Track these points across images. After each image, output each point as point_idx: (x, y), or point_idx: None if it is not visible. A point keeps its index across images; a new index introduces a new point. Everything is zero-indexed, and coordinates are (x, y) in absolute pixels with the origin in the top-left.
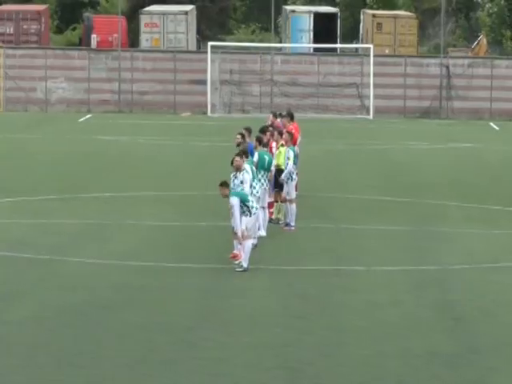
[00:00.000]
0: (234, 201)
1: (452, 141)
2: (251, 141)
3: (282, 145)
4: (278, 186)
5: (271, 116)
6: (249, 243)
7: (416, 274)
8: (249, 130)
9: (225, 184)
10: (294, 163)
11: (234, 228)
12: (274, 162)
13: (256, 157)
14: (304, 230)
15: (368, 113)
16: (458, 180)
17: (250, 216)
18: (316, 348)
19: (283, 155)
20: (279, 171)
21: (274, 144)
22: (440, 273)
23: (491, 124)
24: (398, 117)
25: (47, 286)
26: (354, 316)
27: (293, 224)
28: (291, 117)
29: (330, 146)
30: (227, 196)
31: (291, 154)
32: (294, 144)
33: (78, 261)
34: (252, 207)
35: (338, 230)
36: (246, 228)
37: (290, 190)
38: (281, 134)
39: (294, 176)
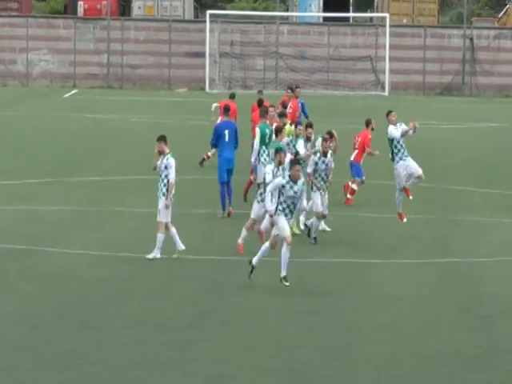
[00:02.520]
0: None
1: (476, 120)
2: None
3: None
4: None
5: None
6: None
7: (439, 267)
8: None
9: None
10: (265, 143)
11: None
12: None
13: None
14: None
15: (383, 89)
16: (482, 163)
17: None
18: (329, 348)
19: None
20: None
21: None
22: (465, 266)
23: None
24: (416, 93)
25: (28, 279)
26: (370, 312)
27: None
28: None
29: (340, 125)
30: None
31: (257, 132)
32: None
33: (62, 252)
34: None
35: (351, 217)
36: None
37: (257, 173)
38: (282, 115)
39: (262, 158)
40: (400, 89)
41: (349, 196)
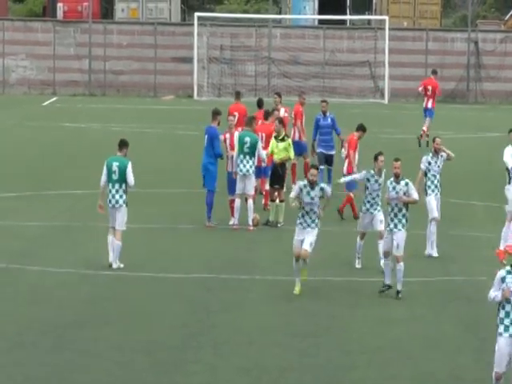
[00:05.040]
0: None
1: (481, 129)
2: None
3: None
4: (277, 182)
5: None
6: None
7: (438, 286)
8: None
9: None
10: (243, 152)
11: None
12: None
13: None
14: None
15: (382, 96)
16: (488, 175)
17: None
18: (320, 372)
19: (283, 146)
20: (280, 165)
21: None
22: (466, 284)
23: None
24: (417, 101)
25: (5, 299)
26: (364, 334)
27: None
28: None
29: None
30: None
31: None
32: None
33: (41, 270)
34: None
35: (344, 234)
36: None
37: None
38: (281, 122)
39: (245, 169)
40: (400, 96)
41: None
